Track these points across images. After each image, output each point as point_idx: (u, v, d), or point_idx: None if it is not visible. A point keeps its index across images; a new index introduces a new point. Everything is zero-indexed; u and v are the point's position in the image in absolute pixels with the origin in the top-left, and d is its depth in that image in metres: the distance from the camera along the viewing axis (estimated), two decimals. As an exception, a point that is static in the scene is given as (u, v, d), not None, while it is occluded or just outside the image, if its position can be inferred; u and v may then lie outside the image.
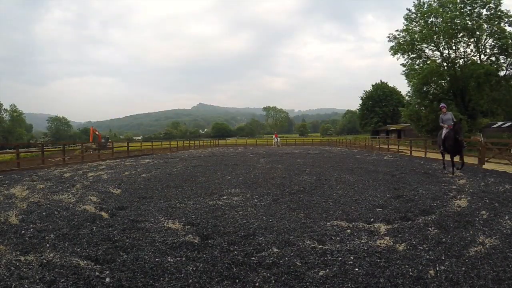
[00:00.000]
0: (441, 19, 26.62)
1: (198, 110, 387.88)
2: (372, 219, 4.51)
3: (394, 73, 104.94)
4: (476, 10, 26.10)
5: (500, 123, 30.68)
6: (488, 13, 25.76)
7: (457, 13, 25.89)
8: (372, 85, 64.30)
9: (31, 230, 4.09)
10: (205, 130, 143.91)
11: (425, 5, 27.75)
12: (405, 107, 32.89)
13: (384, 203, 5.52)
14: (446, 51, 28.45)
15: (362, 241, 3.65)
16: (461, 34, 26.84)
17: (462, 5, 26.36)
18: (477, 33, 26.14)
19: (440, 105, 10.06)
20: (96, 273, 2.81)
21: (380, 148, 26.89)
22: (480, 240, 3.55)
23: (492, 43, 26.45)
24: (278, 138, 44.26)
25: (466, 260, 3.04)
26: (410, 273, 2.78)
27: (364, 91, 64.92)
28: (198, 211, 5.13)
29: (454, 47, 28.01)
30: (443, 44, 28.06)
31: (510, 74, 26.90)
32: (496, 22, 25.50)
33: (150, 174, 10.25)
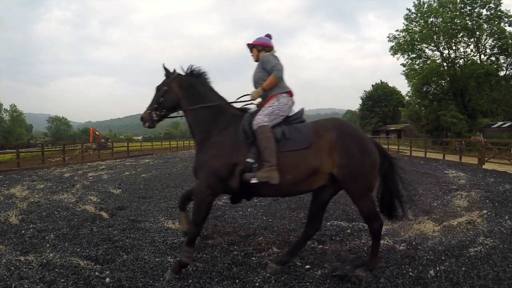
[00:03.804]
0: (441, 19, 26.59)
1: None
2: (372, 219, 4.50)
3: (394, 73, 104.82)
4: (476, 10, 26.09)
5: (500, 123, 30.60)
6: (488, 13, 25.74)
7: (457, 13, 25.87)
8: (372, 85, 64.20)
9: (31, 230, 4.08)
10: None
11: (425, 5, 27.71)
12: (405, 107, 32.88)
13: (384, 203, 5.50)
14: (446, 51, 28.44)
15: (362, 241, 3.65)
16: (461, 34, 26.83)
17: (462, 5, 26.35)
18: (477, 33, 26.14)
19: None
20: (96, 273, 2.81)
21: (380, 148, 26.83)
22: (480, 240, 3.55)
23: (492, 43, 26.46)
24: None
25: (466, 260, 3.04)
26: (410, 273, 2.78)
27: (364, 91, 64.76)
28: (198, 211, 5.12)
29: (454, 47, 28.00)
30: (443, 44, 28.05)
31: (510, 74, 26.91)
32: (496, 22, 25.49)
33: (150, 174, 10.25)
